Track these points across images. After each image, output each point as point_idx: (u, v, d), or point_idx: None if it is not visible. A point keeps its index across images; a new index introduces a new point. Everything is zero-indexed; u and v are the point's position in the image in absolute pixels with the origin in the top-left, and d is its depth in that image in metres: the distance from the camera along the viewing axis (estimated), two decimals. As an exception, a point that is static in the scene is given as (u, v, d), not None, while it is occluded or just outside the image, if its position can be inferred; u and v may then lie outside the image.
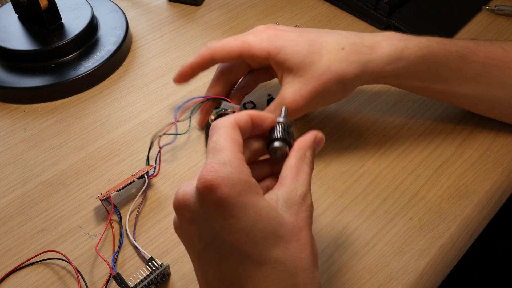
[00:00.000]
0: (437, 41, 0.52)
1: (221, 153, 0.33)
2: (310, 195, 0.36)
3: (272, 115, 0.39)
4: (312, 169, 0.38)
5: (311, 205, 0.36)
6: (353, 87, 0.51)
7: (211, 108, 0.57)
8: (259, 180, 0.39)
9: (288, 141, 0.39)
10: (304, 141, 0.38)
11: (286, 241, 0.33)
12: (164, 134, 0.55)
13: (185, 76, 0.56)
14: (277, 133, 0.39)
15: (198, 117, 0.58)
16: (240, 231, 0.32)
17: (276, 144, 0.38)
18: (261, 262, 0.32)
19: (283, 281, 0.32)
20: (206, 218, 0.33)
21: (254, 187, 0.33)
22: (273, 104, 0.51)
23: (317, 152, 0.39)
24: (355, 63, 0.48)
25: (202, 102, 0.55)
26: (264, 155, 0.40)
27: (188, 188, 0.34)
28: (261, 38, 0.51)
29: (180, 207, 0.34)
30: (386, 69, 0.50)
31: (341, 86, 0.49)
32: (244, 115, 0.37)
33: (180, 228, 0.36)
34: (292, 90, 0.49)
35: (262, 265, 0.32)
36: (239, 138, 0.35)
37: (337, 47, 0.49)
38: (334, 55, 0.48)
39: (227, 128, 0.35)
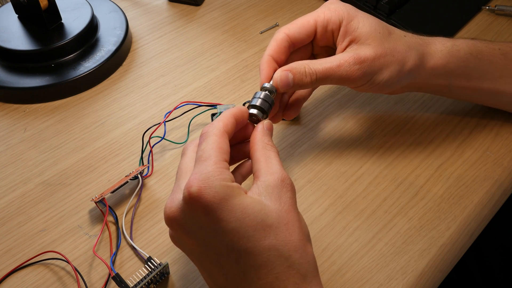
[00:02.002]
0: (480, 41, 0.55)
1: (205, 163, 0.36)
2: (288, 176, 0.38)
3: (246, 109, 0.43)
4: (276, 151, 0.40)
5: (291, 185, 0.38)
6: (406, 76, 0.50)
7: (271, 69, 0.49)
8: (241, 158, 0.44)
9: (263, 109, 0.44)
10: (256, 133, 0.41)
11: (275, 228, 0.35)
12: (165, 139, 0.56)
13: (268, 72, 0.48)
14: (257, 101, 0.44)
15: (261, 76, 0.48)
16: (232, 230, 0.35)
17: (252, 111, 0.44)
18: (257, 253, 0.35)
19: (279, 264, 0.35)
20: (199, 226, 0.36)
21: (236, 189, 0.35)
22: (331, 58, 0.48)
23: (272, 135, 0.42)
24: (415, 52, 0.50)
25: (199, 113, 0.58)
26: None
27: (174, 204, 0.37)
28: (336, 6, 0.51)
29: (171, 223, 0.38)
30: (439, 64, 0.52)
31: (399, 67, 0.49)
32: (229, 118, 0.40)
33: (178, 240, 0.39)
34: (357, 51, 0.48)
35: (258, 254, 0.35)
36: (225, 145, 0.38)
37: (401, 33, 0.52)
38: (399, 38, 0.51)
39: (215, 137, 0.38)
